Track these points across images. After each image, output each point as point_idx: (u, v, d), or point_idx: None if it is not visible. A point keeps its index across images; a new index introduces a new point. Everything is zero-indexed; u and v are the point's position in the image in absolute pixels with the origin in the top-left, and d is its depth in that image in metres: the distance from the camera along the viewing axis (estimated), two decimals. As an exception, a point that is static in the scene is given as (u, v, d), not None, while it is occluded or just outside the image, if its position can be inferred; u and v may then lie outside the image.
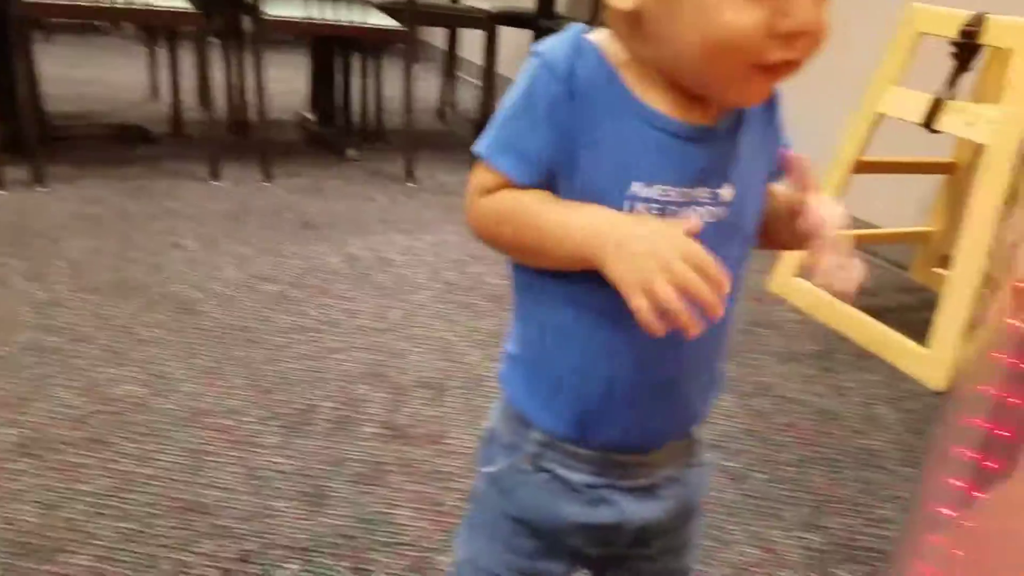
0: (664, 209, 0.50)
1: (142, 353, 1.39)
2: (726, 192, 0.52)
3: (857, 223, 2.19)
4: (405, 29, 2.43)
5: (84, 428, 1.18)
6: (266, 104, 2.34)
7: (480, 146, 0.53)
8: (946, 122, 1.60)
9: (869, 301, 2.00)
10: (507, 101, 0.52)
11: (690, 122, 0.51)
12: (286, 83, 3.55)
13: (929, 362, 1.59)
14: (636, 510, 0.59)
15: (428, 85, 3.75)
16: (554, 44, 0.51)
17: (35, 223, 1.87)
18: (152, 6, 2.11)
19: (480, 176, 0.53)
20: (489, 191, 0.53)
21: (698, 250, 0.47)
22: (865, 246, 2.30)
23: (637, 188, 0.50)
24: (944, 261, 2.09)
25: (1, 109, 2.09)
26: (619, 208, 0.50)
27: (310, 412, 1.29)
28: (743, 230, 0.55)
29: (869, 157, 1.82)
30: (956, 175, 2.01)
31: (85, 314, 1.50)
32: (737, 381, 1.52)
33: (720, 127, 0.52)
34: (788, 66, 0.47)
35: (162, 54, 2.95)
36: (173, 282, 1.67)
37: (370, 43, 2.93)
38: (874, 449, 1.36)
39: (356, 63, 2.96)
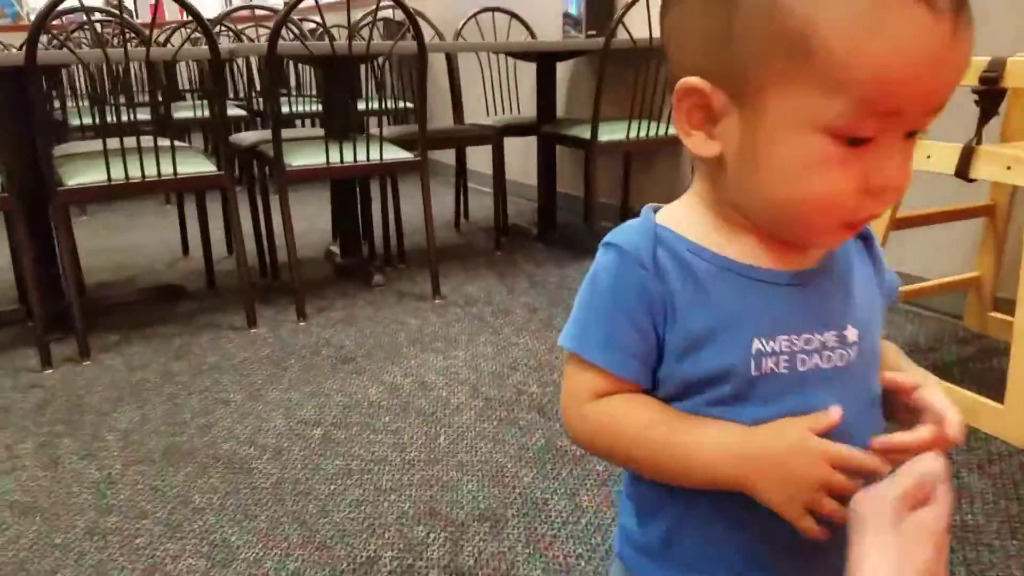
0: (793, 359, 0.49)
1: (200, 523, 1.38)
2: (851, 333, 0.51)
3: (905, 278, 2.14)
4: (419, 159, 2.51)
5: (148, 614, 1.16)
6: (294, 245, 2.41)
7: (570, 342, 0.51)
8: (984, 170, 1.58)
9: (930, 358, 1.93)
10: (588, 297, 0.51)
11: (790, 267, 0.50)
12: (310, 220, 3.68)
13: (1008, 418, 1.51)
14: None
15: (440, 198, 3.84)
16: (629, 233, 0.51)
17: (84, 398, 1.90)
18: (181, 175, 2.20)
19: (578, 377, 0.51)
20: (597, 394, 0.50)
21: (841, 452, 0.46)
22: (915, 300, 2.25)
23: (759, 344, 0.48)
24: (997, 304, 2.03)
25: (45, 289, 2.17)
26: (749, 366, 0.48)
27: (372, 564, 1.25)
28: (874, 363, 0.53)
29: (904, 212, 1.81)
30: (996, 216, 1.97)
31: (141, 488, 1.50)
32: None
33: (824, 268, 0.51)
34: (870, 220, 0.48)
35: (189, 209, 3.07)
36: (223, 441, 1.68)
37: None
38: (971, 524, 1.28)
39: (373, 189, 3.05)
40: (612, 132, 2.72)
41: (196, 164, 2.29)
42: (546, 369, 1.99)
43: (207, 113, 3.44)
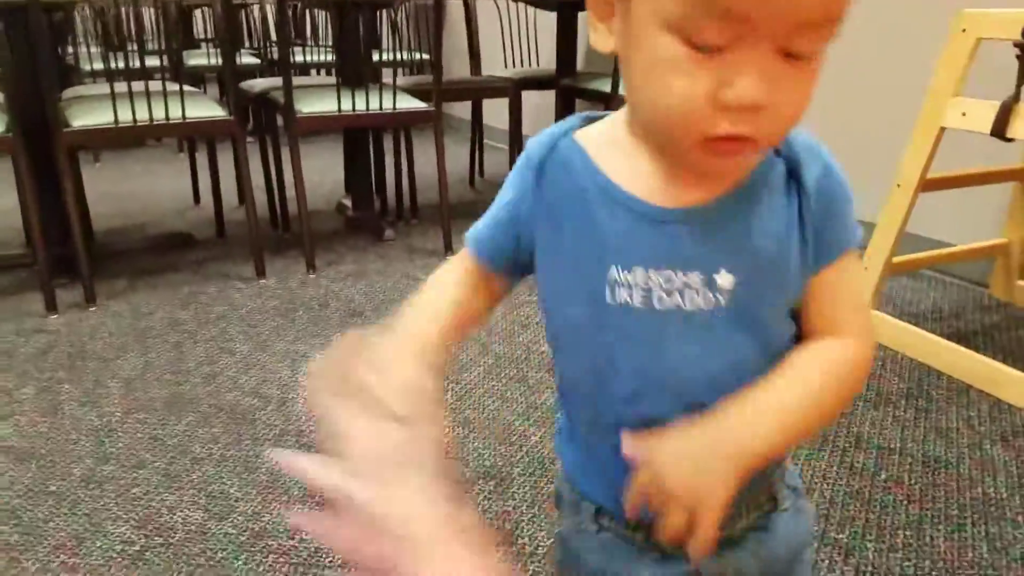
0: (649, 295, 0.48)
1: (199, 473, 1.35)
2: (724, 279, 0.48)
3: (928, 243, 2.06)
4: (433, 109, 2.43)
5: (141, 566, 1.13)
6: (304, 196, 2.35)
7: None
8: (1022, 129, 1.49)
9: (953, 326, 1.86)
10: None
11: (673, 204, 0.48)
12: (322, 173, 3.61)
13: (1037, 389, 1.45)
14: (710, 562, 0.52)
15: (455, 154, 3.76)
16: (540, 138, 0.54)
17: (88, 344, 1.87)
18: (189, 119, 2.14)
19: (457, 256, 0.57)
20: (465, 267, 0.56)
21: None
22: (939, 266, 2.16)
23: (615, 273, 0.49)
24: (1026, 273, 1.95)
25: (52, 233, 2.14)
26: (603, 292, 0.49)
27: (373, 519, 1.22)
28: (757, 323, 0.49)
29: (935, 174, 1.71)
30: (1028, 180, 1.88)
31: (140, 437, 1.47)
32: (830, 435, 1.40)
33: (713, 207, 0.48)
34: (740, 143, 0.43)
35: (201, 159, 3.02)
36: (227, 391, 1.64)
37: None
38: (994, 498, 1.22)
39: (387, 143, 2.98)
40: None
41: (206, 109, 2.22)
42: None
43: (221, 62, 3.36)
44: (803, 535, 0.58)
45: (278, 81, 2.42)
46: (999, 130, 1.51)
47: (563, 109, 3.14)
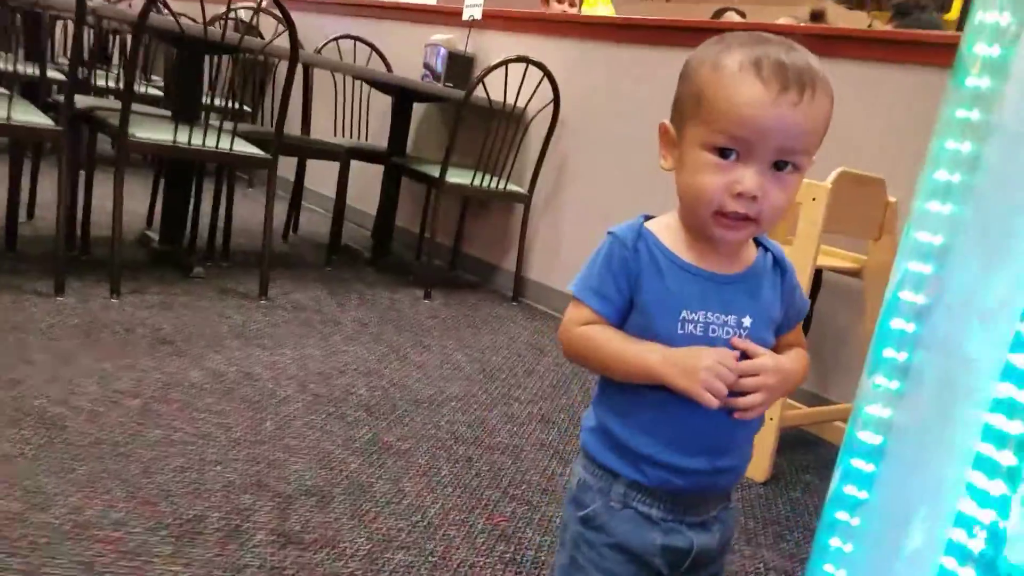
0: (707, 327, 0.76)
1: (10, 468, 1.32)
2: (747, 320, 0.78)
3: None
4: (269, 157, 2.55)
5: (-48, 548, 1.10)
6: (121, 219, 2.33)
7: (576, 289, 0.80)
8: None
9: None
10: (591, 264, 0.80)
11: (721, 271, 0.78)
12: (124, 201, 3.47)
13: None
14: (696, 538, 0.80)
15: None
16: (623, 228, 0.79)
17: None
18: (12, 121, 2.08)
19: (576, 311, 0.80)
20: (584, 323, 0.79)
21: (721, 350, 0.75)
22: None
23: (686, 314, 0.76)
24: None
25: None
26: (676, 327, 0.75)
27: (199, 522, 1.29)
28: (760, 344, 0.79)
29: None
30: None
31: (-69, 431, 1.39)
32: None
33: (743, 276, 0.79)
34: (744, 221, 0.73)
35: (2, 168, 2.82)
36: (32, 398, 1.60)
37: (226, 167, 3.00)
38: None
39: (206, 184, 3.00)
40: (458, 176, 2.94)
41: (30, 114, 2.17)
42: (375, 376, 2.10)
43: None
44: (733, 527, 0.87)
45: (104, 101, 2.40)
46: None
47: (391, 183, 3.38)
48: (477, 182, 2.94)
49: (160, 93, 3.73)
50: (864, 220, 2.07)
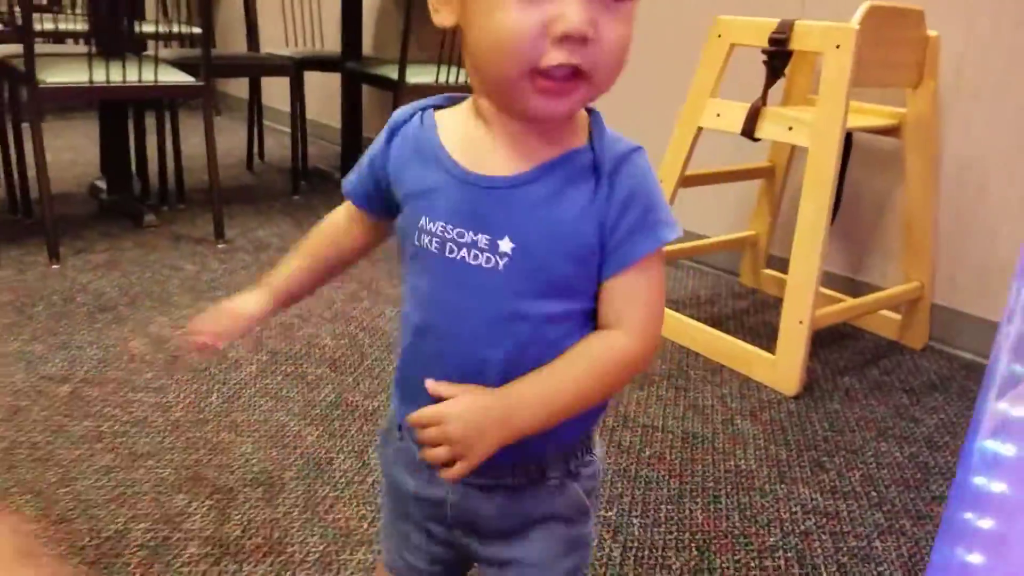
0: (443, 244, 0.56)
1: None
2: (505, 243, 0.54)
3: (687, 235, 2.23)
4: (201, 84, 2.22)
5: None
6: (49, 178, 2.04)
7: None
8: (767, 129, 1.64)
9: (708, 311, 2.03)
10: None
11: (487, 173, 0.56)
12: (75, 151, 3.20)
13: (778, 368, 1.61)
14: (461, 499, 0.62)
15: (233, 137, 3.50)
16: (403, 107, 0.62)
17: None
18: None
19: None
20: (348, 211, 0.69)
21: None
22: (696, 257, 2.36)
23: (424, 221, 0.57)
24: (770, 261, 2.18)
25: None
26: (413, 236, 0.58)
27: (119, 540, 1.07)
28: (545, 284, 0.55)
29: (692, 171, 1.85)
30: (773, 177, 2.09)
31: None
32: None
33: (511, 179, 0.55)
34: (574, 79, 0.50)
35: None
36: (-69, 402, 1.37)
37: (165, 100, 2.67)
38: (744, 470, 1.34)
39: (150, 121, 2.68)
40: (420, 75, 2.57)
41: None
42: (342, 321, 1.84)
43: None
44: (558, 509, 0.63)
45: (19, 48, 2.07)
46: (748, 130, 1.66)
47: (349, 93, 3.03)
48: (443, 78, 2.57)
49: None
50: (900, 65, 1.70)
